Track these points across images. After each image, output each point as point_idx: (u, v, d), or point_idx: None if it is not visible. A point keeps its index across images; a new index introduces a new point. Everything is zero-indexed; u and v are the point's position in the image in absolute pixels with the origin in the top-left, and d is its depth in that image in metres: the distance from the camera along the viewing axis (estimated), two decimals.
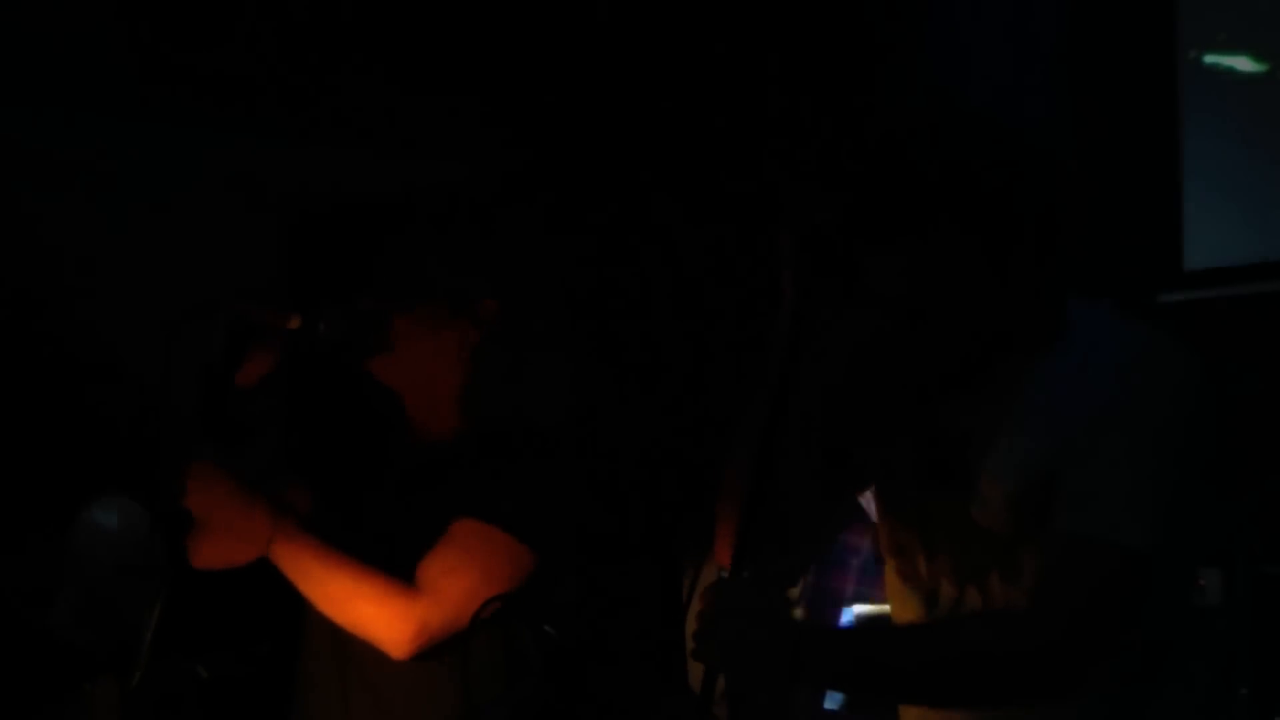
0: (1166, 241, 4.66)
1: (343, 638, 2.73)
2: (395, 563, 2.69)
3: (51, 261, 4.98)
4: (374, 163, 5.10)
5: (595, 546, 2.78)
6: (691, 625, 2.03)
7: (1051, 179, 2.05)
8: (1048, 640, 1.95)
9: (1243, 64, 4.64)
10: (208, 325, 2.50)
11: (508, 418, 2.78)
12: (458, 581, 2.62)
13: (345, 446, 2.91)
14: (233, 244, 5.24)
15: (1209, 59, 4.69)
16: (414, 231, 2.80)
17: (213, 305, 2.53)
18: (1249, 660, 3.82)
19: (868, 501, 2.36)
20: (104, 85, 4.48)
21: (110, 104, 4.57)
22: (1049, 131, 4.52)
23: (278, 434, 2.78)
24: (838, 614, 3.70)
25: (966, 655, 1.99)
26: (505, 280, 2.81)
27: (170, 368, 2.45)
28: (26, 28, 4.34)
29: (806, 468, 2.14)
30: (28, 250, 4.87)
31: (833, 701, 3.62)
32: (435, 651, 2.65)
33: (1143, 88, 4.71)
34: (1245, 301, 4.54)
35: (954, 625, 2.09)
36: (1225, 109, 4.66)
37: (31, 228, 4.91)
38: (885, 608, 2.61)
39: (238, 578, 2.82)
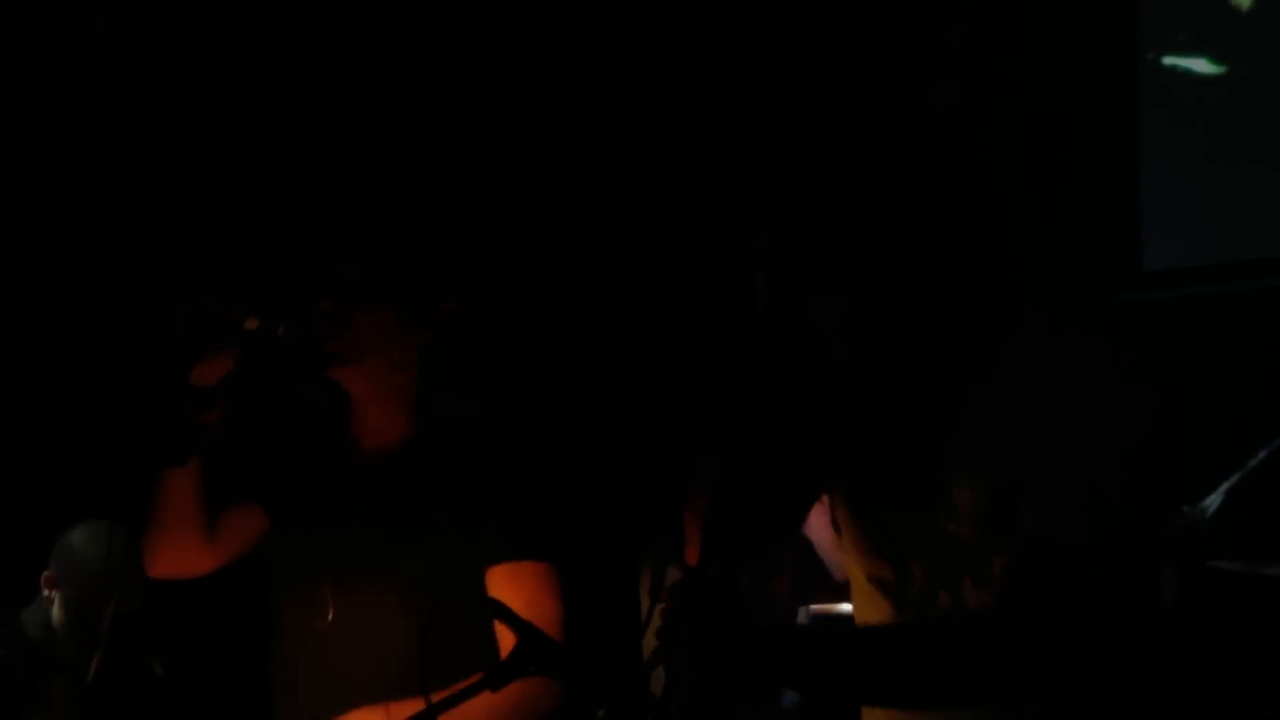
0: (1125, 242, 4.69)
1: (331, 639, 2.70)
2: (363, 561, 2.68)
3: (9, 260, 4.95)
4: (335, 156, 5.08)
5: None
6: (654, 624, 2.03)
7: (992, 210, 2.07)
8: (1009, 637, 1.97)
9: (1200, 65, 4.67)
10: (169, 322, 2.47)
11: (464, 418, 2.77)
12: (549, 626, 2.60)
13: (295, 452, 2.87)
14: (190, 237, 5.21)
15: (1167, 60, 4.71)
16: (371, 231, 2.77)
17: (175, 301, 2.49)
18: (1202, 656, 3.85)
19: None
20: (68, 75, 4.45)
21: (70, 94, 4.54)
22: (1008, 132, 4.54)
23: (232, 438, 2.74)
24: (777, 615, 3.71)
25: (931, 653, 2.01)
26: (461, 280, 2.79)
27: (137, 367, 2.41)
28: None
29: (771, 470, 2.16)
30: None
31: (790, 699, 3.63)
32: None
33: (1101, 88, 4.73)
34: (1203, 302, 4.57)
35: (920, 625, 2.10)
36: (1183, 110, 4.69)
37: None
38: (839, 607, 2.61)
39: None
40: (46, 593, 3.80)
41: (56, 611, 3.76)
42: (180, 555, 2.74)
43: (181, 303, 2.52)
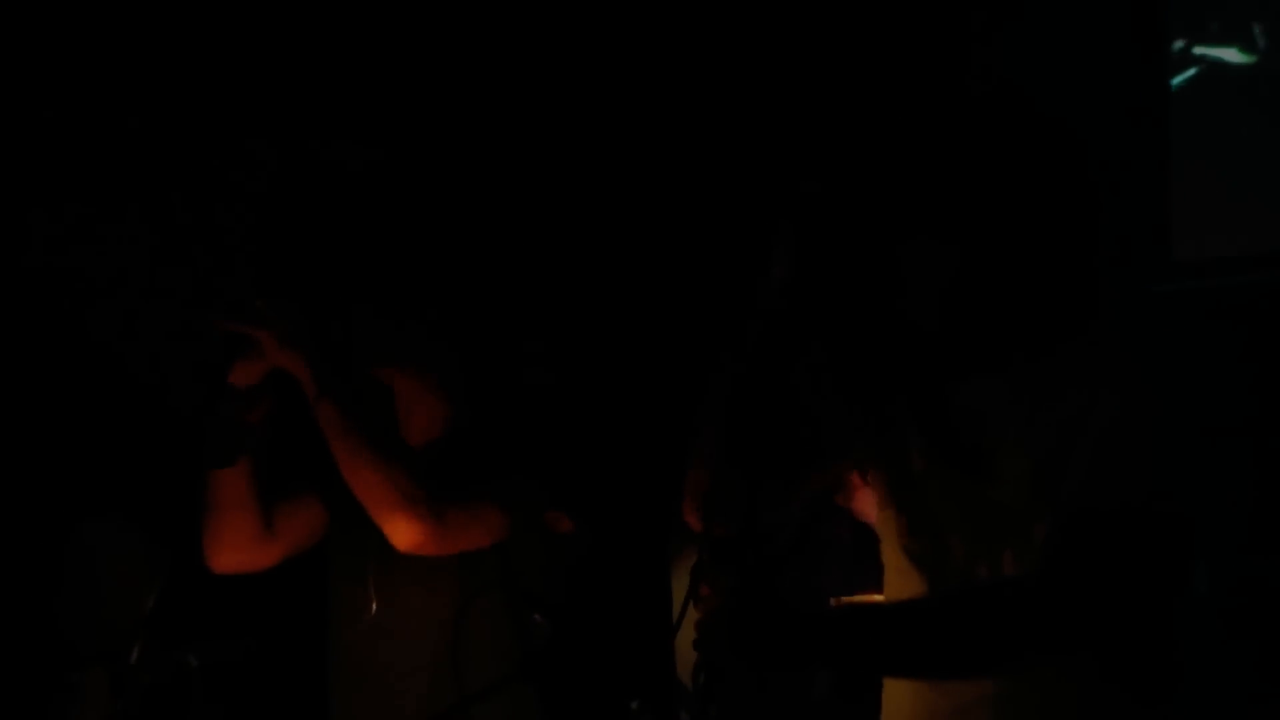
0: (1156, 232, 4.67)
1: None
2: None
3: (39, 260, 4.97)
4: (347, 151, 5.09)
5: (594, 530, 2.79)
6: (690, 615, 2.04)
7: (1087, 170, 2.08)
8: (1055, 602, 1.97)
9: (1231, 55, 4.65)
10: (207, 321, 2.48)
11: (504, 400, 2.79)
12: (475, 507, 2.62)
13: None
14: (210, 237, 5.23)
15: (1198, 50, 4.70)
16: (405, 233, 2.79)
17: (222, 301, 2.50)
18: (1237, 649, 3.84)
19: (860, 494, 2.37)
20: (81, 76, 4.47)
21: (91, 95, 4.55)
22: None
23: (274, 435, 2.76)
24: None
25: (976, 620, 2.00)
26: (494, 271, 2.81)
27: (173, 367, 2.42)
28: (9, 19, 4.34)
29: (773, 438, 2.16)
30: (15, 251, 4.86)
31: (821, 691, 3.63)
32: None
33: (1131, 78, 4.72)
34: (1234, 292, 4.56)
35: (962, 593, 2.10)
36: (1214, 99, 4.68)
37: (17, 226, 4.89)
38: (871, 598, 2.61)
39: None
40: (73, 585, 3.80)
41: (85, 604, 3.77)
42: (240, 549, 2.78)
43: (222, 304, 2.53)
